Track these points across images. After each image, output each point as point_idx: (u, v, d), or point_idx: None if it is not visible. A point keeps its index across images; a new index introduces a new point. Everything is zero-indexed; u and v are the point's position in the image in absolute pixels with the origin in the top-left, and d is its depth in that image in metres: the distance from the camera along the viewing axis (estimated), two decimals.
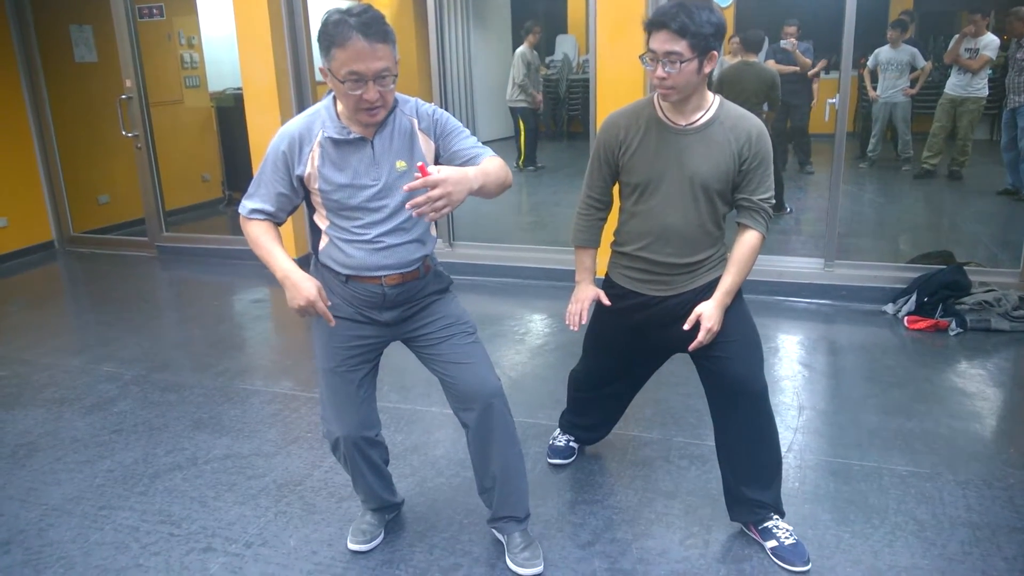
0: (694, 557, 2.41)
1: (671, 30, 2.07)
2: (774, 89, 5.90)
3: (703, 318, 2.26)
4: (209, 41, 7.49)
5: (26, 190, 6.38)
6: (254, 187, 2.12)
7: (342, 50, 1.87)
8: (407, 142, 2.08)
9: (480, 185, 1.93)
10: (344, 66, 1.88)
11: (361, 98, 1.92)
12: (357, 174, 2.05)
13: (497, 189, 2.05)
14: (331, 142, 2.04)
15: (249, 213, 2.12)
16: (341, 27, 1.86)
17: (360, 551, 2.46)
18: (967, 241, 5.91)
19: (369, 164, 2.05)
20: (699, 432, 3.14)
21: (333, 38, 1.87)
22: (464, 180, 1.87)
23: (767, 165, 2.24)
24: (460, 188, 1.84)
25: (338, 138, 2.03)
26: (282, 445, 3.16)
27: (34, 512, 2.74)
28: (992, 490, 2.71)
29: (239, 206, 2.15)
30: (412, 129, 2.09)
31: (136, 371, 3.95)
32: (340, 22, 1.87)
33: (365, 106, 1.94)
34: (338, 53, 1.88)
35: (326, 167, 2.04)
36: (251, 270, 5.71)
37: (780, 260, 5.01)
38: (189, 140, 7.46)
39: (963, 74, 7.43)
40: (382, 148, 2.06)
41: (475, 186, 1.91)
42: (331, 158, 2.04)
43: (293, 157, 2.05)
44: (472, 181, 1.89)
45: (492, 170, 2.01)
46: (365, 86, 1.90)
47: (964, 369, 3.78)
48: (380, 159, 2.05)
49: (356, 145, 2.04)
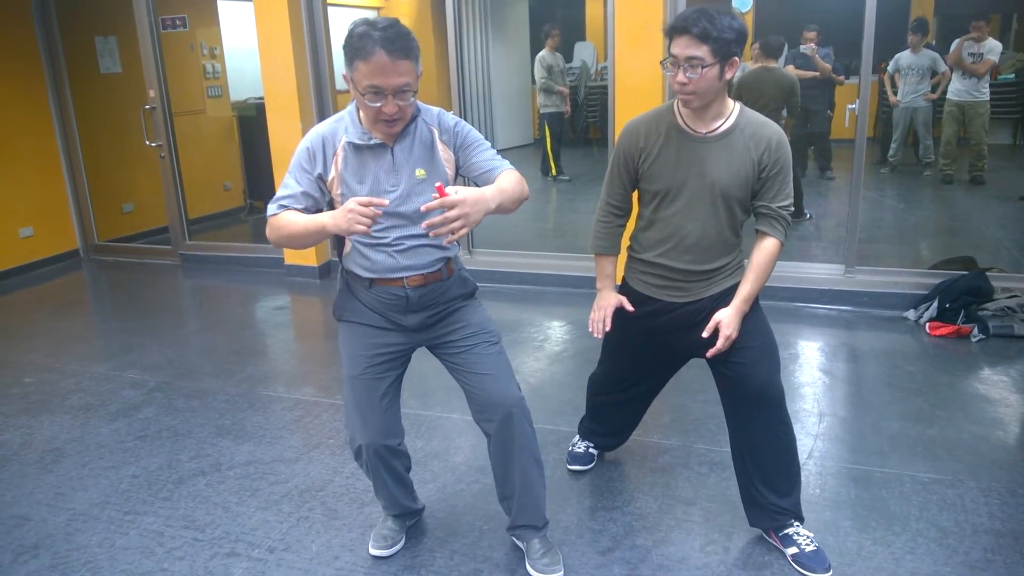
0: (714, 564, 2.41)
1: (692, 35, 2.08)
2: (793, 95, 5.88)
3: (722, 325, 2.26)
4: (231, 52, 7.58)
5: (52, 200, 6.48)
6: (281, 190, 2.13)
7: (365, 63, 1.90)
8: (427, 151, 2.11)
9: (497, 204, 1.96)
10: (365, 79, 1.91)
11: (380, 110, 1.96)
12: (377, 180, 2.08)
13: (514, 205, 2.07)
14: (352, 147, 2.07)
15: (277, 209, 2.11)
16: (365, 40, 1.89)
17: (381, 556, 2.48)
18: (989, 246, 5.85)
19: (389, 170, 2.08)
20: (718, 439, 3.13)
21: (357, 50, 1.90)
22: (481, 201, 1.88)
23: (786, 173, 2.24)
24: (477, 209, 1.86)
25: (359, 143, 2.06)
26: (304, 451, 3.19)
27: (61, 517, 2.79)
28: (1015, 497, 2.69)
29: (268, 207, 2.14)
30: (433, 139, 2.12)
31: (160, 378, 4.01)
32: (365, 35, 1.89)
33: (383, 118, 1.98)
34: (361, 65, 1.91)
35: (348, 172, 2.08)
36: (273, 278, 5.77)
37: (801, 266, 4.99)
38: (211, 149, 7.55)
39: (968, 79, 7.39)
40: (402, 155, 2.08)
41: (492, 206, 1.93)
42: (353, 163, 2.08)
43: (318, 158, 2.08)
44: (489, 201, 1.92)
45: (508, 187, 2.03)
46: (384, 99, 1.94)
47: (987, 376, 3.75)
48: (400, 166, 2.08)
49: (377, 151, 2.07)
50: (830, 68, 7.53)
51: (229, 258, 6.24)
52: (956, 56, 7.39)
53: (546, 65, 8.74)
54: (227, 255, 6.27)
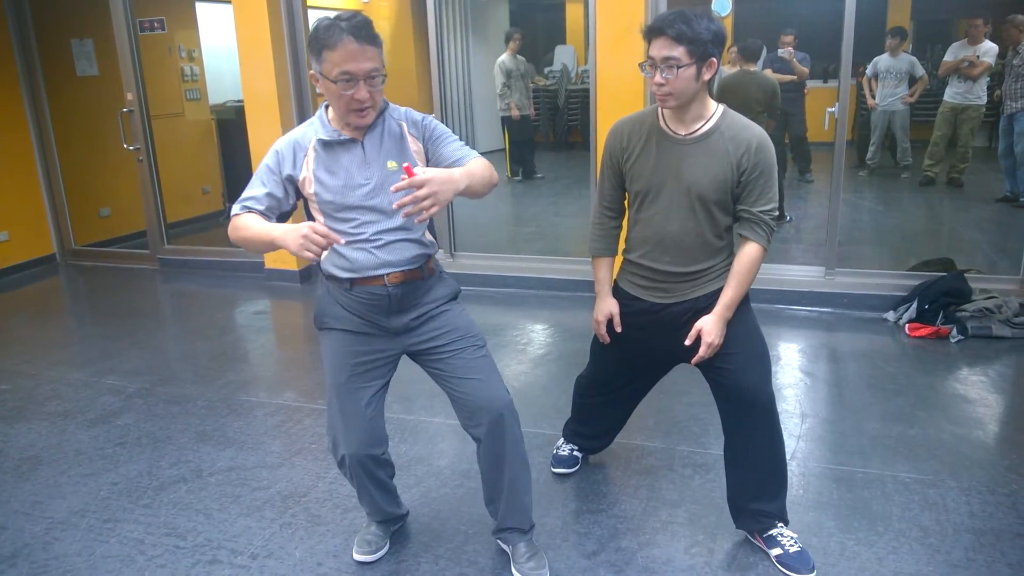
0: (699, 566, 2.42)
1: (668, 36, 2.10)
2: (775, 98, 5.93)
3: (703, 333, 2.26)
4: (210, 54, 7.52)
5: (27, 204, 6.39)
6: (245, 190, 2.16)
7: (333, 51, 1.94)
8: (397, 143, 2.14)
9: (466, 185, 1.99)
10: (336, 67, 1.95)
11: (352, 98, 1.98)
12: (349, 174, 2.10)
13: (484, 188, 2.10)
14: (322, 144, 2.10)
15: (240, 210, 2.13)
16: (332, 30, 1.94)
17: (366, 562, 2.47)
18: (967, 248, 5.92)
19: (360, 164, 2.10)
20: (702, 441, 3.15)
21: (324, 41, 1.95)
22: (450, 180, 1.92)
23: (768, 177, 2.23)
24: (446, 188, 1.89)
25: (329, 139, 2.09)
26: (286, 457, 3.17)
27: (39, 526, 2.74)
28: (995, 496, 2.72)
29: (231, 210, 2.16)
30: (402, 132, 2.15)
31: (139, 384, 3.96)
32: (331, 26, 1.95)
33: (356, 106, 2.01)
34: (329, 55, 1.95)
35: (320, 170, 2.10)
36: (253, 282, 5.73)
37: (781, 268, 5.02)
38: (190, 153, 7.48)
39: (963, 82, 7.46)
40: (372, 148, 2.11)
41: (461, 186, 1.96)
42: (324, 161, 2.10)
43: (286, 160, 2.11)
44: (458, 181, 1.95)
45: (477, 170, 2.06)
46: (356, 86, 1.97)
47: (966, 376, 3.78)
48: (371, 159, 2.11)
49: (347, 146, 2.10)
50: (807, 72, 7.60)
51: (208, 262, 6.19)
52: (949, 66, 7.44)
53: (505, 70, 8.66)
54: (206, 259, 6.22)
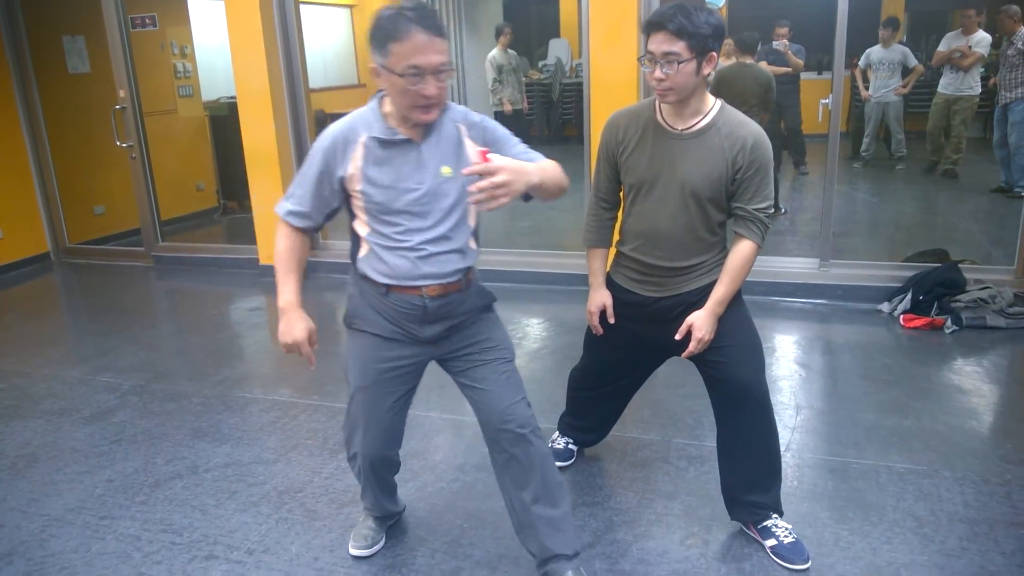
0: (694, 557, 2.42)
1: (669, 31, 2.07)
2: (770, 91, 5.92)
3: (694, 328, 2.26)
4: (202, 50, 7.50)
5: (21, 202, 6.37)
6: (293, 187, 2.07)
7: (401, 44, 1.82)
8: (454, 148, 2.03)
9: (539, 180, 1.87)
10: (404, 60, 1.82)
11: (419, 94, 1.86)
12: (401, 176, 1.99)
13: (556, 189, 1.98)
14: (377, 142, 1.98)
15: (286, 215, 2.07)
16: (399, 21, 1.82)
17: (362, 556, 2.47)
18: (962, 239, 5.93)
19: (414, 167, 1.99)
20: (697, 433, 3.15)
21: (390, 32, 1.82)
22: (523, 171, 1.81)
23: (764, 174, 2.21)
24: (519, 179, 1.79)
25: (384, 138, 1.98)
26: (282, 452, 3.17)
27: (35, 523, 2.74)
28: (989, 486, 2.73)
29: (277, 205, 2.10)
30: (459, 136, 2.03)
31: (135, 381, 3.96)
32: (397, 16, 1.82)
33: (422, 103, 1.88)
34: (396, 48, 1.82)
35: (369, 168, 1.99)
36: (248, 279, 5.72)
37: (776, 260, 5.03)
38: (183, 149, 7.47)
39: (955, 72, 7.46)
40: (429, 152, 2.00)
41: (534, 180, 1.85)
42: (375, 159, 1.99)
43: (336, 157, 2.00)
44: (531, 174, 1.84)
45: (550, 169, 1.96)
46: (424, 80, 1.85)
47: (960, 366, 3.80)
48: (426, 162, 1.99)
49: (402, 147, 1.98)
50: (802, 64, 7.60)
51: (203, 259, 6.16)
52: (944, 55, 7.47)
53: (496, 65, 8.60)
54: (201, 256, 6.19)
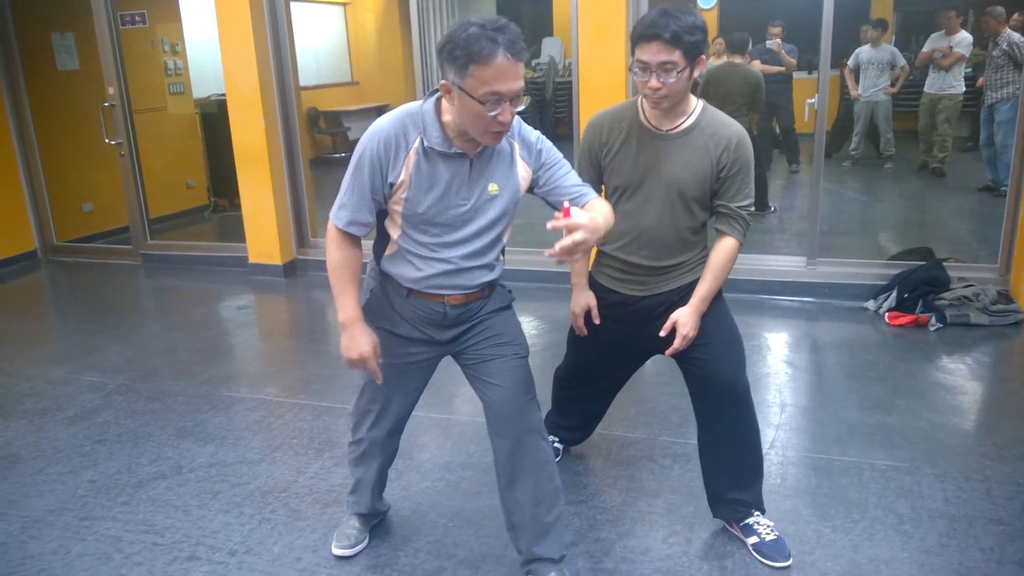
0: (677, 555, 2.43)
1: (664, 40, 2.03)
2: (758, 91, 5.93)
3: (679, 324, 2.27)
4: (193, 47, 7.46)
5: (8, 199, 6.34)
6: (348, 194, 1.96)
7: (485, 68, 1.72)
8: (506, 166, 1.98)
9: (605, 232, 1.87)
10: (485, 85, 1.73)
11: (495, 120, 1.78)
12: (449, 191, 1.93)
13: (606, 234, 1.97)
14: (431, 153, 1.90)
15: (346, 226, 1.98)
16: (482, 42, 1.71)
17: (345, 556, 2.47)
18: (947, 237, 5.95)
19: (463, 183, 1.94)
20: (683, 431, 3.16)
21: (474, 55, 1.72)
22: (597, 229, 1.78)
23: (746, 173, 2.23)
24: (594, 236, 1.77)
25: (441, 151, 1.90)
26: (267, 452, 3.16)
27: (15, 524, 2.73)
28: (970, 482, 2.74)
29: (331, 212, 2.00)
30: (512, 154, 1.99)
31: (120, 380, 3.94)
32: (482, 36, 1.71)
33: (497, 129, 1.81)
34: (479, 71, 1.72)
35: (420, 177, 1.91)
36: (237, 277, 5.70)
37: (763, 259, 5.04)
38: (173, 147, 7.43)
39: (937, 72, 7.53)
40: (479, 168, 1.95)
41: (601, 235, 1.83)
42: (427, 169, 1.91)
43: (388, 161, 1.91)
44: (600, 231, 1.81)
45: (608, 216, 1.95)
46: (503, 107, 1.77)
47: (944, 364, 3.81)
48: (475, 180, 1.95)
49: (455, 161, 1.92)
50: (795, 63, 7.62)
51: (192, 257, 6.14)
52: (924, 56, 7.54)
53: None
54: (190, 254, 6.17)
